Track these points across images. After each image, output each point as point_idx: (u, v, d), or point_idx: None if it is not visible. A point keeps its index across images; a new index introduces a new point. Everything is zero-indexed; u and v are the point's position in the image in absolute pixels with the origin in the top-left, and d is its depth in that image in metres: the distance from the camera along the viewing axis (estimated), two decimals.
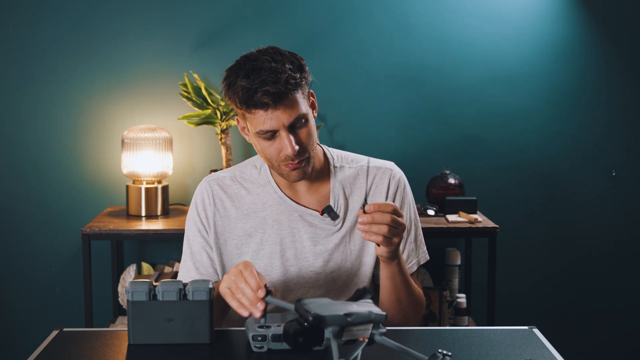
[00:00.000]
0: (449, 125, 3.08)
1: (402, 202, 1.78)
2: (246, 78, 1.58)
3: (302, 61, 1.65)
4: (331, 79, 3.04)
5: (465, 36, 3.04)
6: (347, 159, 1.81)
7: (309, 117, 1.65)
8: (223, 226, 1.75)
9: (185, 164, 3.05)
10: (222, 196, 1.76)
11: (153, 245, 3.09)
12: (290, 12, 3.02)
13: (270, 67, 1.57)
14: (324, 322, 1.23)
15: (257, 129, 1.62)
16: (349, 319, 1.25)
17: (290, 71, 1.58)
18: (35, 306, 3.09)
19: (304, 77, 1.62)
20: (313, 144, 1.66)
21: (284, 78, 1.57)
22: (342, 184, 1.76)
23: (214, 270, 1.75)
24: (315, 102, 1.73)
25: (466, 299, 2.94)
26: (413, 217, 1.80)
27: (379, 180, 1.78)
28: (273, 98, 1.56)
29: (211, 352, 1.42)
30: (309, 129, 1.64)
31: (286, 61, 1.60)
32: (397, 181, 1.79)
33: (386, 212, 1.49)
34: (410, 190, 1.82)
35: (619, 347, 3.21)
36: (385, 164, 1.81)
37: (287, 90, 1.57)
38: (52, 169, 3.04)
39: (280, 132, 1.61)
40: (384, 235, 1.50)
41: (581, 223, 3.15)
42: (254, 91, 1.56)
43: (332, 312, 1.25)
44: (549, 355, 1.40)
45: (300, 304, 1.27)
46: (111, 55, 3.01)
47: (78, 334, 1.52)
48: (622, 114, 3.12)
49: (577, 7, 3.05)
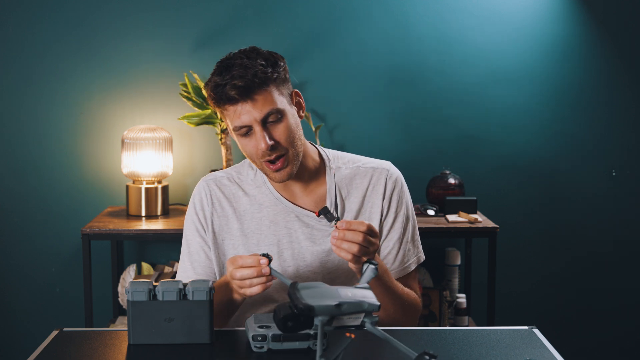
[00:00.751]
0: (449, 125, 3.08)
1: (399, 201, 1.78)
2: (218, 75, 1.61)
3: (281, 60, 1.66)
4: (331, 79, 3.04)
5: (465, 36, 3.04)
6: (343, 159, 1.80)
7: (286, 113, 1.64)
8: (220, 226, 1.75)
9: (185, 164, 3.05)
10: (220, 196, 1.76)
11: (153, 245, 3.09)
12: (290, 12, 3.02)
13: (241, 63, 1.60)
14: (313, 312, 1.24)
15: (232, 125, 1.64)
16: (340, 308, 1.26)
17: (261, 66, 1.60)
18: (35, 306, 3.09)
19: (277, 72, 1.63)
20: (294, 141, 1.66)
21: (252, 72, 1.58)
22: (338, 185, 1.76)
23: (211, 270, 1.75)
24: (301, 102, 1.73)
25: (466, 299, 2.94)
26: (410, 217, 1.80)
27: (376, 181, 1.77)
28: (240, 91, 1.58)
29: (211, 352, 1.42)
30: (287, 125, 1.64)
31: (260, 58, 1.62)
32: (394, 181, 1.78)
33: (358, 231, 1.49)
34: (407, 189, 1.82)
35: (619, 347, 3.21)
36: (381, 164, 1.80)
37: (254, 83, 1.59)
38: (52, 169, 3.04)
39: (254, 127, 1.62)
40: (353, 254, 1.50)
41: (581, 223, 3.15)
42: (223, 86, 1.59)
43: (323, 302, 1.26)
44: (549, 355, 1.40)
45: (294, 288, 1.28)
46: (111, 55, 3.01)
47: (78, 334, 1.52)
48: (622, 114, 3.12)
49: (577, 7, 3.05)
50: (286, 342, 1.39)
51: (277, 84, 1.63)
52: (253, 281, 1.48)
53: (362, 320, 1.29)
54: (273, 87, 1.62)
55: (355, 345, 1.39)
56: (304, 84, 3.03)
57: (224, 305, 1.62)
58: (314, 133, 2.94)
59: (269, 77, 1.61)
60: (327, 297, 1.27)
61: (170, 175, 2.96)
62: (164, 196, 2.88)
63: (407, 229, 1.79)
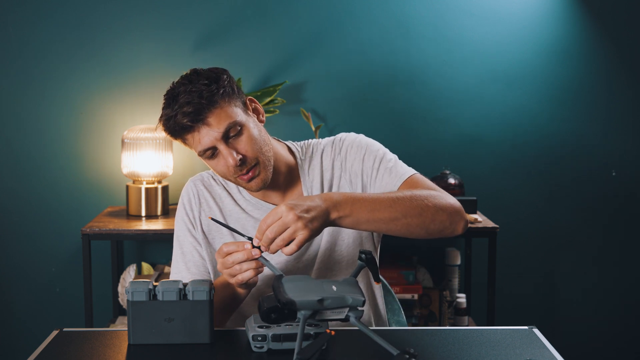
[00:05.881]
0: (449, 125, 3.08)
1: (356, 154, 1.74)
2: (167, 107, 1.60)
3: (223, 74, 1.63)
4: (331, 79, 3.04)
5: (465, 36, 3.04)
6: (309, 147, 1.79)
7: (245, 124, 1.62)
8: (209, 225, 1.75)
9: (185, 164, 3.05)
10: (207, 196, 1.77)
11: (153, 245, 3.09)
12: (291, 12, 3.02)
13: (185, 89, 1.58)
14: (294, 306, 1.26)
15: (197, 151, 1.63)
16: (323, 303, 1.27)
17: (204, 86, 1.58)
18: (35, 306, 3.09)
19: (223, 87, 1.60)
20: (260, 148, 1.64)
21: (197, 95, 1.56)
22: (311, 175, 1.76)
23: (205, 269, 1.75)
24: (258, 107, 1.71)
25: (466, 299, 2.94)
26: (380, 154, 1.75)
27: (337, 149, 1.76)
28: (191, 118, 1.57)
29: (211, 352, 1.42)
30: (249, 135, 1.62)
31: (201, 79, 1.59)
32: (344, 139, 1.76)
33: (265, 228, 1.40)
34: (363, 138, 1.77)
35: (619, 347, 3.21)
36: (336, 136, 1.79)
37: (202, 105, 1.57)
38: (52, 169, 3.04)
39: (218, 147, 1.61)
40: (285, 242, 1.40)
41: (581, 223, 3.15)
42: (174, 117, 1.58)
43: (305, 297, 1.27)
44: (549, 355, 1.40)
45: (279, 282, 1.29)
46: (111, 56, 3.01)
47: (78, 334, 1.52)
48: (621, 114, 3.12)
49: (577, 7, 3.05)
50: (286, 342, 1.39)
51: (226, 99, 1.61)
52: (243, 265, 1.44)
53: (346, 314, 1.30)
54: (223, 103, 1.60)
55: (336, 340, 1.40)
56: (304, 83, 3.03)
57: (227, 302, 1.61)
58: (313, 133, 2.95)
59: (215, 94, 1.58)
60: (310, 292, 1.28)
61: (170, 175, 2.96)
62: (164, 196, 2.88)
63: (380, 165, 1.73)
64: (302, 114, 2.96)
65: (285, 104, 3.01)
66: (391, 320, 1.95)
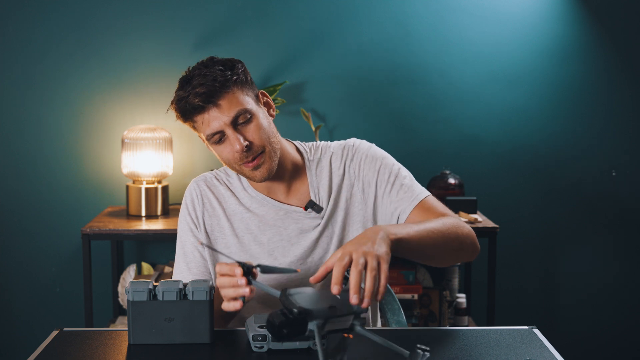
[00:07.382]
0: (449, 125, 3.08)
1: (371, 164, 1.76)
2: (180, 89, 1.63)
3: (239, 64, 1.66)
4: (331, 79, 3.05)
5: (465, 36, 3.04)
6: (318, 149, 1.80)
7: (255, 113, 1.65)
8: (212, 225, 1.75)
9: (185, 164, 3.05)
10: (210, 196, 1.77)
11: (153, 245, 3.09)
12: (291, 12, 3.02)
13: (200, 73, 1.61)
14: (310, 315, 1.24)
15: (205, 135, 1.65)
16: (334, 311, 1.26)
17: (219, 71, 1.61)
18: (35, 306, 3.09)
19: (237, 75, 1.63)
20: (268, 138, 1.65)
21: (212, 78, 1.59)
22: (319, 176, 1.76)
23: (207, 269, 1.75)
24: (270, 101, 1.73)
25: (466, 299, 2.94)
26: (395, 169, 1.76)
27: (347, 155, 1.77)
28: (203, 98, 1.59)
29: (211, 352, 1.42)
30: (258, 124, 1.64)
31: (217, 65, 1.63)
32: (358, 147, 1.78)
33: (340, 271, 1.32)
34: (377, 149, 1.79)
35: (619, 347, 3.21)
36: (347, 141, 1.80)
37: (216, 88, 1.59)
38: (52, 169, 3.04)
39: (225, 131, 1.62)
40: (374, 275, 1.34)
41: (581, 223, 3.15)
42: (186, 97, 1.61)
43: (317, 305, 1.26)
44: (549, 355, 1.40)
45: (286, 294, 1.28)
46: (111, 56, 3.01)
47: (78, 334, 1.52)
48: (622, 114, 3.12)
49: (577, 7, 3.05)
50: (286, 342, 1.39)
51: (239, 86, 1.64)
52: (229, 292, 1.39)
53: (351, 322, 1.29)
54: (235, 89, 1.63)
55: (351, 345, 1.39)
56: (304, 83, 3.03)
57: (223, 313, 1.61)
58: (314, 133, 2.95)
59: (228, 80, 1.61)
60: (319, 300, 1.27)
61: (170, 175, 2.96)
62: (164, 196, 2.88)
63: (394, 182, 1.75)
64: (302, 114, 2.96)
65: (285, 104, 3.01)
66: (391, 321, 1.94)
